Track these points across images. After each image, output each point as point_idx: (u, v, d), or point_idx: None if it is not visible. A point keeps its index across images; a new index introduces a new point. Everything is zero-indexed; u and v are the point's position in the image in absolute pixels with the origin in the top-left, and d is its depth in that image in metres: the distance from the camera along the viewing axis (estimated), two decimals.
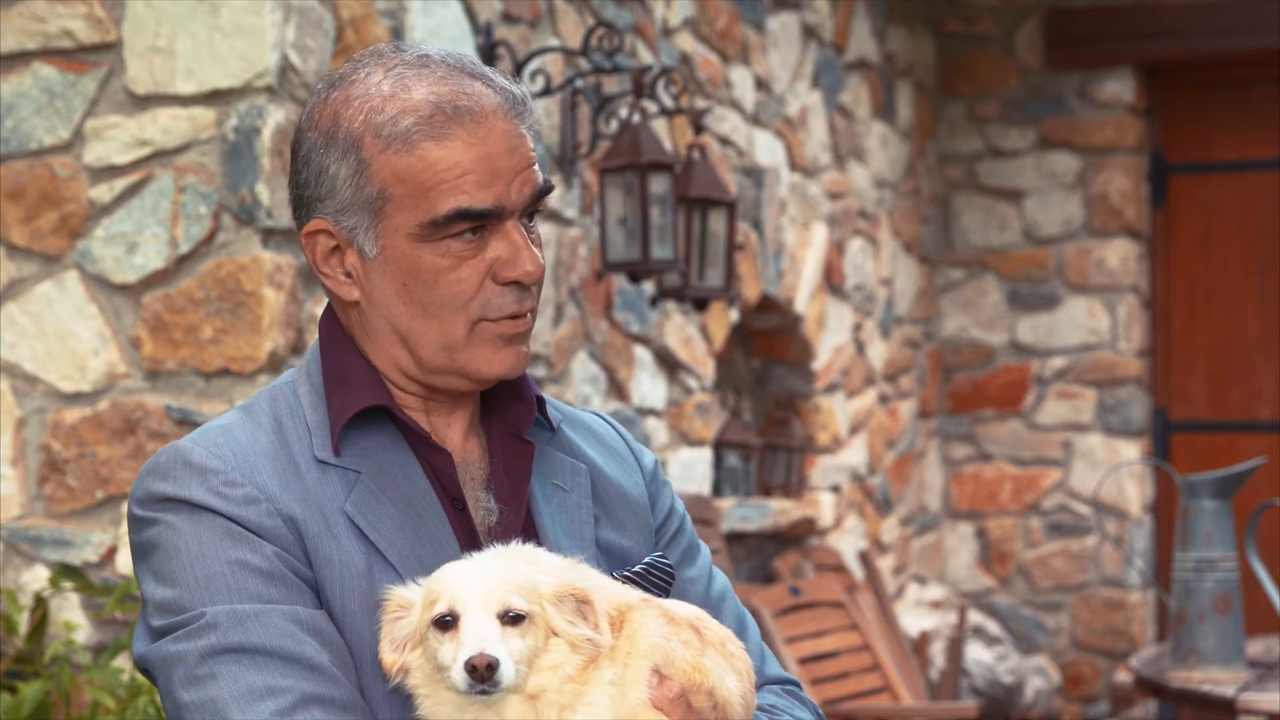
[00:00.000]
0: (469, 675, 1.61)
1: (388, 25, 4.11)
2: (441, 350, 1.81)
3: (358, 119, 1.79)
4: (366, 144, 1.78)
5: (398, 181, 1.77)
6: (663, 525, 1.99)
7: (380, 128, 1.78)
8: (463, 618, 1.64)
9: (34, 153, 3.86)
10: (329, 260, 1.83)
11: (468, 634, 1.63)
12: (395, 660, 1.69)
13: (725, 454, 6.33)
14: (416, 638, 1.68)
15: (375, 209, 1.79)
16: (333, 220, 1.81)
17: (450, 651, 1.64)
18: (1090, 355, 8.12)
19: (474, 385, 1.84)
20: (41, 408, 3.85)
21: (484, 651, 1.61)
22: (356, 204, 1.79)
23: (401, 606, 1.69)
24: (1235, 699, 4.82)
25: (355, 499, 1.77)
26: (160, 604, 1.73)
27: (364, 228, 1.80)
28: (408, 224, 1.78)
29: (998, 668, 7.43)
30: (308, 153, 1.82)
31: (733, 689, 1.74)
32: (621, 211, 4.58)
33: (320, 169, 1.81)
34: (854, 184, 7.24)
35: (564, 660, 1.67)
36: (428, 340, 1.81)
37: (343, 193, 1.80)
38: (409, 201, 1.77)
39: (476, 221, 1.78)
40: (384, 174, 1.78)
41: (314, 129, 1.82)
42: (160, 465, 1.78)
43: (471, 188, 1.77)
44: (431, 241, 1.78)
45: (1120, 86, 8.05)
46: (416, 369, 1.83)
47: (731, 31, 6.03)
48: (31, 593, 3.80)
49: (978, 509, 8.27)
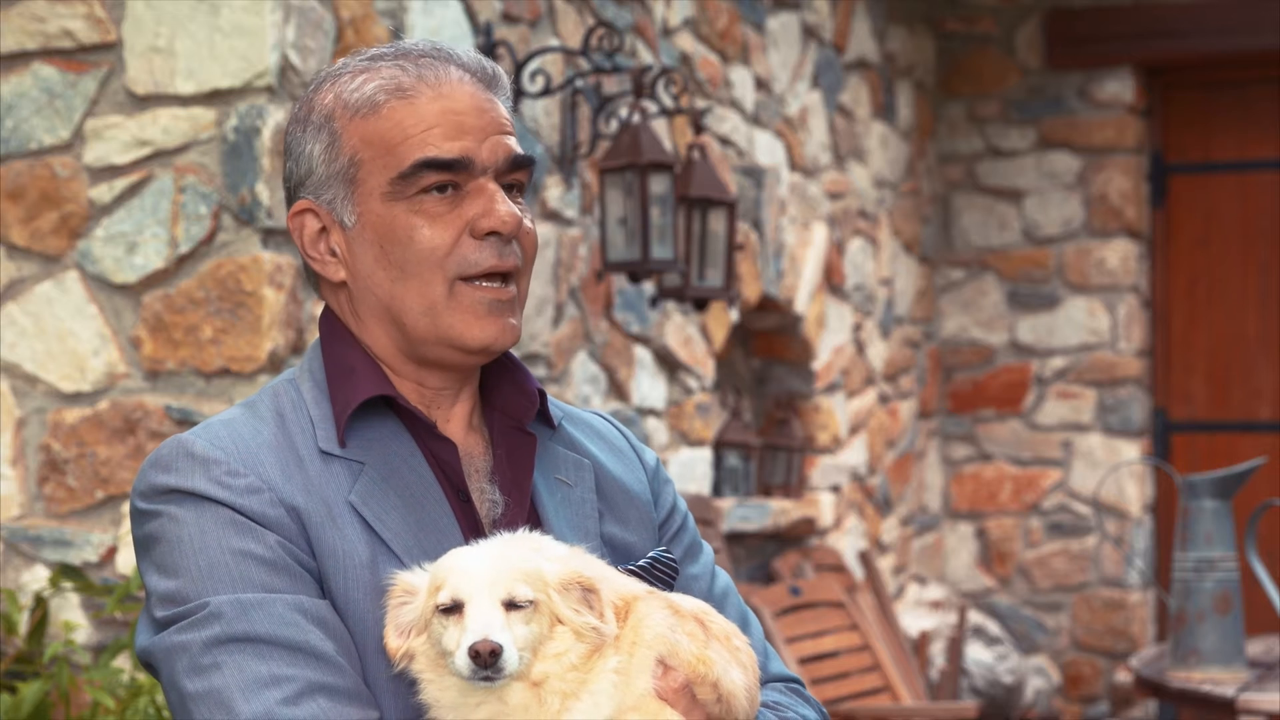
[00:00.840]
0: (473, 661, 1.62)
1: (388, 25, 4.11)
2: (423, 314, 1.81)
3: (328, 97, 1.84)
4: (337, 116, 1.83)
5: (366, 145, 1.81)
6: (665, 522, 2.00)
7: (348, 98, 1.82)
8: (467, 604, 1.64)
9: (34, 153, 3.85)
10: (316, 244, 1.86)
11: (472, 620, 1.63)
12: (400, 645, 1.69)
13: (725, 454, 6.33)
14: (421, 623, 1.68)
15: (349, 177, 1.82)
16: (313, 197, 1.84)
17: (455, 637, 1.64)
18: (1090, 355, 8.12)
19: (463, 356, 1.84)
20: (41, 408, 3.85)
21: (487, 637, 1.62)
22: (332, 176, 1.83)
23: (406, 592, 1.70)
24: (1235, 699, 4.82)
25: (360, 489, 1.78)
26: (163, 595, 1.73)
27: (341, 198, 1.83)
28: (380, 185, 1.81)
29: (998, 668, 7.43)
30: (289, 144, 1.87)
31: (737, 682, 1.74)
32: (621, 211, 4.58)
33: (299, 153, 1.85)
34: (854, 184, 7.24)
35: (568, 648, 1.67)
36: (409, 304, 1.81)
37: (319, 169, 1.84)
38: (379, 161, 1.81)
39: (445, 173, 1.80)
40: (354, 141, 1.82)
41: (295, 121, 1.87)
42: (162, 457, 1.78)
43: (437, 139, 1.80)
44: (405, 199, 1.80)
45: (1120, 86, 8.06)
46: (406, 343, 1.83)
47: (731, 31, 6.03)
48: (31, 593, 3.80)
49: (978, 509, 8.27)
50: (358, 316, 1.86)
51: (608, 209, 4.61)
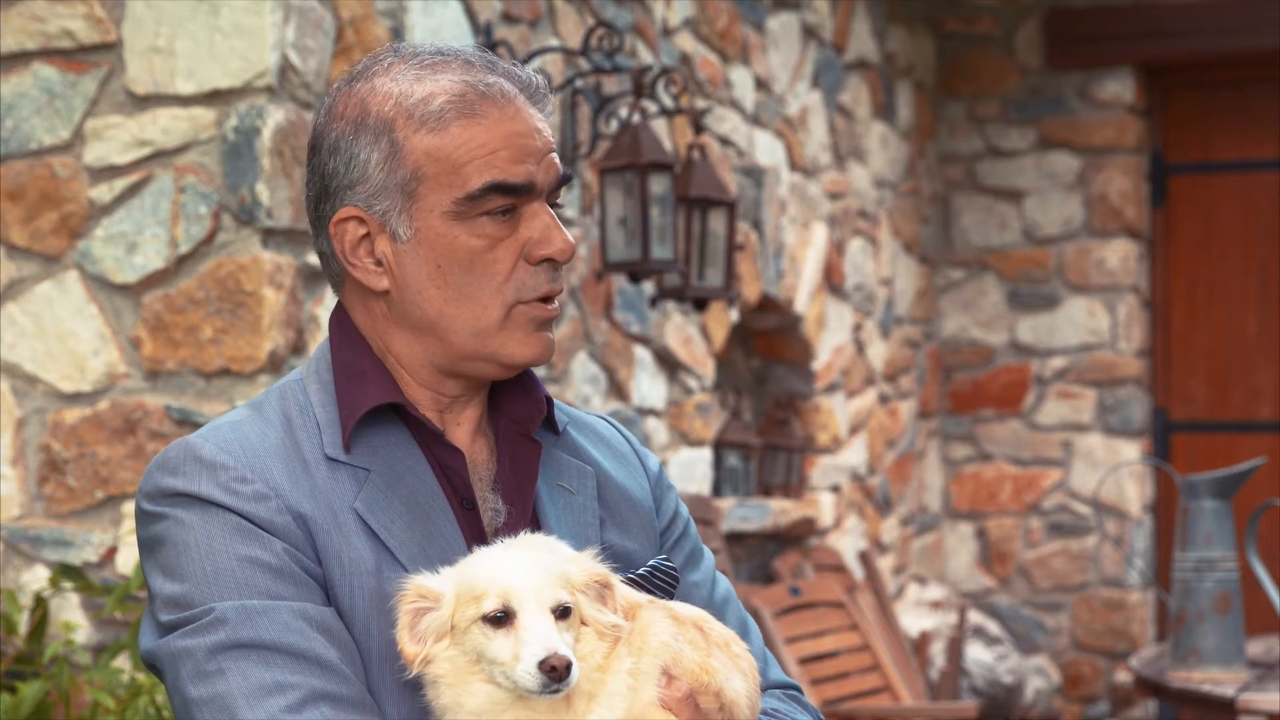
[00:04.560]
0: (546, 676, 1.61)
1: (388, 25, 4.11)
2: (474, 336, 1.81)
3: (387, 104, 1.80)
4: (399, 126, 1.79)
5: (431, 160, 1.79)
6: (667, 529, 1.99)
7: (412, 110, 1.79)
8: (520, 615, 1.64)
9: (34, 153, 3.85)
10: (357, 250, 1.83)
11: (533, 633, 1.63)
12: (418, 651, 1.67)
13: (725, 454, 6.33)
14: (446, 630, 1.67)
15: (409, 190, 1.79)
16: (364, 206, 1.81)
17: (507, 648, 1.63)
18: (1090, 355, 8.12)
19: (503, 371, 1.84)
20: (41, 408, 3.85)
21: (559, 652, 1.61)
22: (389, 187, 1.80)
23: (423, 596, 1.68)
24: (1235, 699, 4.82)
25: (365, 497, 1.77)
26: (168, 599, 1.73)
27: (397, 210, 1.80)
28: (442, 203, 1.79)
29: (998, 668, 7.43)
30: (335, 142, 1.82)
31: (739, 690, 1.74)
32: (621, 211, 4.58)
33: (350, 156, 1.81)
34: (854, 184, 7.24)
35: (593, 649, 1.67)
36: (460, 325, 1.80)
37: (374, 177, 1.80)
38: (443, 179, 1.79)
39: (510, 197, 1.79)
40: (417, 154, 1.79)
41: (340, 119, 1.82)
42: (170, 460, 1.77)
43: (504, 163, 1.79)
44: (466, 220, 1.79)
45: (1120, 86, 8.05)
46: (445, 358, 1.82)
47: (731, 31, 6.03)
48: (31, 593, 3.79)
49: (978, 509, 8.27)
50: (392, 325, 1.84)
51: (607, 209, 4.61)
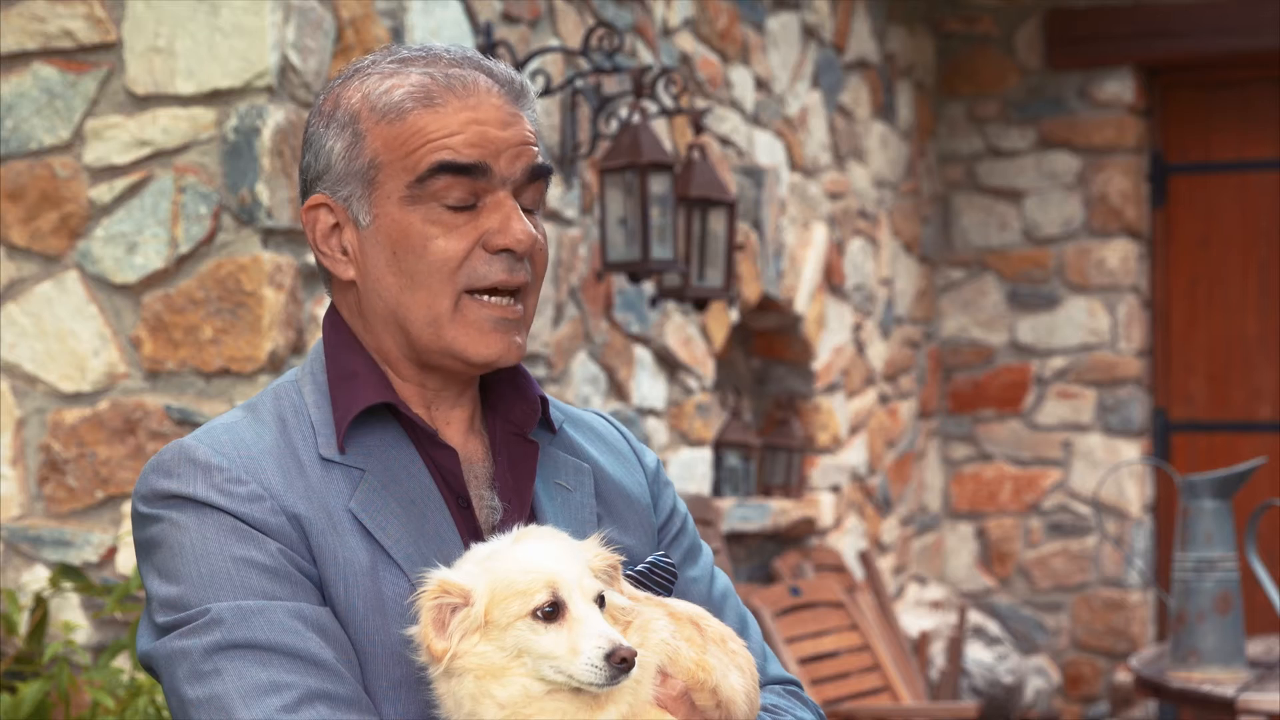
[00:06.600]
0: (615, 667, 1.61)
1: (388, 25, 4.11)
2: (428, 325, 1.81)
3: (355, 97, 1.84)
4: (363, 117, 1.82)
5: (387, 148, 1.81)
6: (665, 525, 2.00)
7: (375, 101, 1.82)
8: (570, 608, 1.64)
9: (34, 153, 3.85)
10: (328, 239, 1.85)
11: (589, 625, 1.63)
12: (447, 648, 1.66)
13: (725, 454, 6.33)
14: (478, 626, 1.66)
15: (368, 178, 1.82)
16: (330, 193, 1.84)
17: (562, 642, 1.63)
18: (1090, 355, 8.12)
19: (468, 369, 1.84)
20: (41, 408, 3.85)
21: (623, 643, 1.62)
22: (350, 174, 1.82)
23: (447, 592, 1.67)
24: (1235, 699, 4.82)
25: (360, 497, 1.78)
26: (164, 600, 1.73)
27: (358, 196, 1.82)
28: (398, 189, 1.80)
29: (998, 668, 7.43)
30: (310, 136, 1.87)
31: (736, 686, 1.74)
32: (621, 211, 4.58)
33: (319, 147, 1.85)
34: (854, 184, 7.24)
35: None
36: (415, 314, 1.81)
37: (338, 165, 1.83)
38: (397, 164, 1.80)
39: (460, 177, 1.79)
40: (376, 143, 1.81)
41: (318, 115, 1.87)
42: (165, 462, 1.78)
43: (457, 144, 1.80)
44: (421, 205, 1.80)
45: (1120, 86, 8.05)
46: (410, 349, 1.83)
47: (731, 31, 6.03)
48: (31, 593, 3.80)
49: (978, 509, 8.27)
50: (364, 317, 1.86)
51: (608, 209, 4.61)
